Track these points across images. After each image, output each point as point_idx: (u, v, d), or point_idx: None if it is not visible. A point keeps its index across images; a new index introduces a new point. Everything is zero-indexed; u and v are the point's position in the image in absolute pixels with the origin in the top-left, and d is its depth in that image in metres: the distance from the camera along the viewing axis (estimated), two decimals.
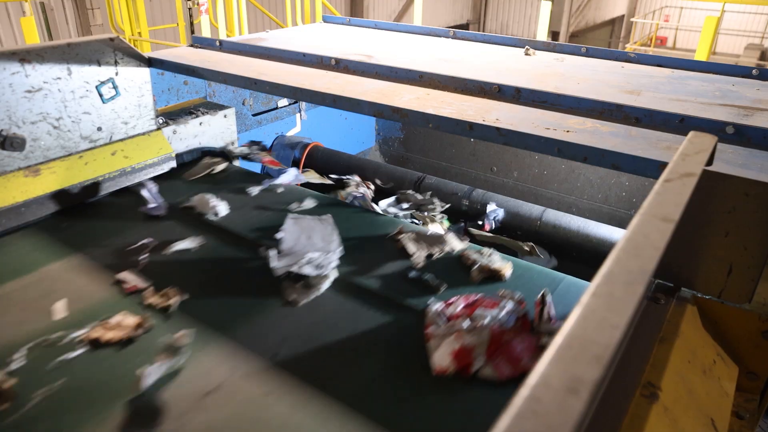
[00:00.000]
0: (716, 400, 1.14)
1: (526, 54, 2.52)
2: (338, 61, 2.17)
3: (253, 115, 3.02)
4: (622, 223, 2.65)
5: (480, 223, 2.45)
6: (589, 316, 0.53)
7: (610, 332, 0.51)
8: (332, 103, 1.80)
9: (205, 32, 5.33)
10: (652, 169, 1.31)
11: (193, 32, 5.77)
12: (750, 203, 1.20)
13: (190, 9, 5.25)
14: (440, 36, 2.96)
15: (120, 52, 2.16)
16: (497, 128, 1.50)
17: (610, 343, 0.50)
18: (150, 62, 2.27)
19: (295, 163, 3.07)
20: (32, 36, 4.72)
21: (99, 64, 2.11)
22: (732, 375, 1.26)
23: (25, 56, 1.91)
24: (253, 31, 2.92)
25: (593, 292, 0.57)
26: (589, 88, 1.97)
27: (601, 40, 17.74)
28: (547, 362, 0.47)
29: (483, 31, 15.90)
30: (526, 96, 1.79)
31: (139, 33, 5.71)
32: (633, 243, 0.66)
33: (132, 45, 2.36)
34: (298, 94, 1.89)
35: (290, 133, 3.32)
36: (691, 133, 1.15)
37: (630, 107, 1.65)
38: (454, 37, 2.91)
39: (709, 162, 1.18)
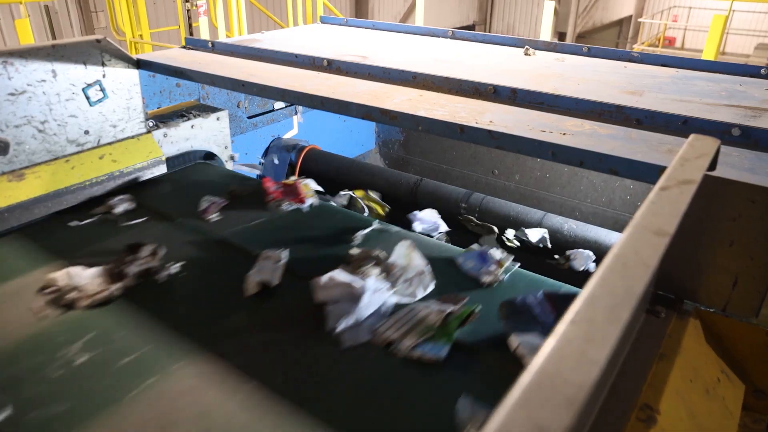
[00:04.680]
0: (720, 422, 1.07)
1: (526, 54, 2.45)
2: (331, 62, 2.11)
3: (248, 117, 2.97)
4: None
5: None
6: (564, 348, 0.46)
7: (587, 369, 0.44)
8: (320, 105, 1.74)
9: (204, 34, 5.29)
10: (651, 173, 1.24)
11: (191, 34, 5.75)
12: (756, 210, 1.12)
13: (188, 11, 5.22)
14: (439, 36, 2.89)
15: (107, 53, 2.11)
16: (489, 131, 1.43)
17: (587, 382, 0.43)
18: (138, 64, 2.22)
19: (291, 167, 3.02)
20: (27, 38, 4.70)
21: (85, 66, 2.06)
22: (738, 394, 1.18)
23: (8, 58, 1.86)
24: (254, 32, 2.88)
25: (572, 318, 0.50)
26: (589, 88, 1.89)
27: (608, 40, 17.58)
28: (510, 406, 0.40)
29: (489, 32, 15.81)
30: (522, 97, 1.72)
31: (140, 35, 5.69)
32: (621, 260, 0.59)
33: (131, 47, 2.31)
34: (285, 96, 1.83)
35: (287, 135, 3.26)
36: (691, 136, 1.07)
37: (630, 108, 1.57)
38: (453, 37, 2.84)
39: (712, 167, 1.11)
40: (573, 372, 0.44)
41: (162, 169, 2.33)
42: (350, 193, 2.50)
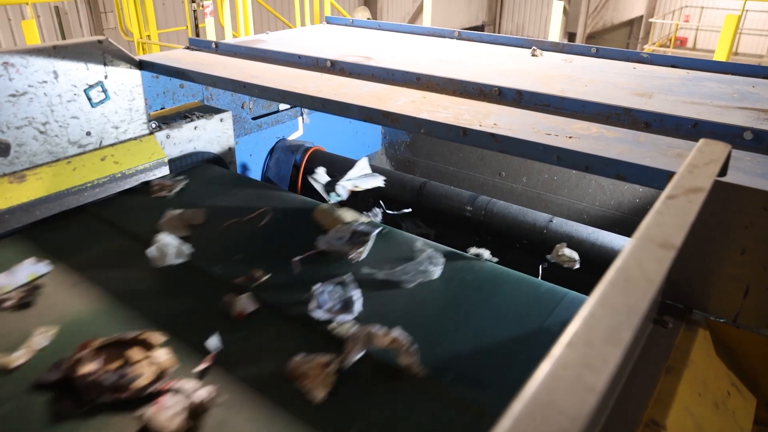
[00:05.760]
0: None
1: (533, 55, 2.41)
2: (334, 63, 2.08)
3: (253, 118, 2.94)
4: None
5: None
6: (559, 374, 0.43)
7: (583, 398, 0.41)
8: (321, 107, 1.71)
9: (211, 35, 5.28)
10: (659, 179, 1.20)
11: (198, 35, 5.74)
12: None
13: (194, 11, 5.22)
14: (445, 37, 2.85)
15: (109, 54, 2.09)
16: (492, 134, 1.39)
17: (582, 412, 0.39)
18: (141, 65, 2.21)
19: (296, 168, 2.99)
20: (34, 39, 4.73)
21: (87, 67, 2.05)
22: (749, 407, 1.14)
23: (8, 59, 1.85)
24: (261, 32, 2.87)
25: (568, 341, 0.46)
26: (596, 90, 1.85)
27: (619, 41, 17.44)
28: None
29: (499, 33, 15.75)
30: (528, 99, 1.68)
31: (148, 36, 5.69)
32: (623, 275, 0.56)
33: (138, 48, 2.30)
34: (286, 98, 1.81)
35: (292, 136, 3.24)
36: (701, 141, 1.03)
37: (639, 111, 1.53)
38: (459, 37, 2.80)
39: (723, 172, 1.07)
40: (567, 401, 0.41)
41: (164, 171, 2.31)
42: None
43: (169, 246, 1.70)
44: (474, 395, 1.22)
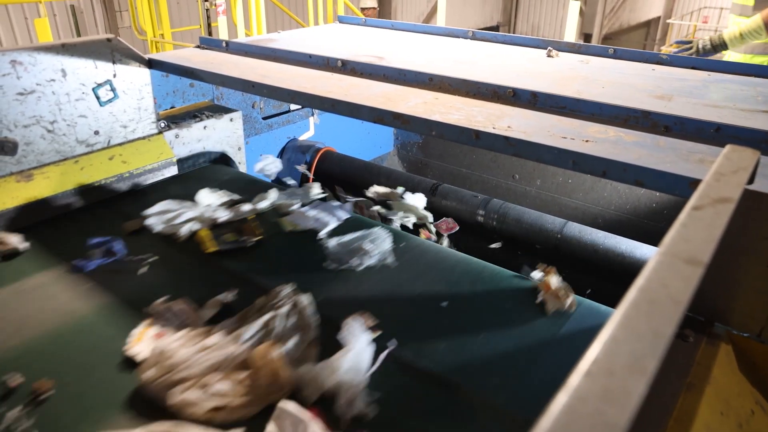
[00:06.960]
0: None
1: (549, 56, 2.36)
2: (345, 62, 2.05)
3: (264, 118, 2.92)
4: (651, 238, 2.45)
5: None
6: (577, 407, 0.39)
7: None
8: (331, 108, 1.67)
9: (224, 34, 5.27)
10: (681, 186, 1.15)
11: (210, 34, 5.74)
12: None
13: (207, 10, 5.22)
14: (459, 37, 2.81)
15: (118, 53, 2.08)
16: (506, 137, 1.35)
17: None
18: (150, 64, 2.19)
19: (306, 168, 2.96)
20: (46, 37, 4.75)
21: (96, 65, 2.03)
22: None
23: (17, 57, 1.83)
24: (273, 31, 2.86)
25: (587, 370, 0.42)
26: (614, 92, 1.80)
27: (636, 42, 17.22)
28: None
29: (514, 34, 15.62)
30: (543, 101, 1.63)
31: (162, 35, 5.70)
32: (647, 295, 0.51)
33: (152, 46, 2.28)
34: (295, 98, 1.77)
35: (303, 137, 3.21)
36: (727, 147, 0.98)
37: (659, 114, 1.48)
38: (473, 37, 2.76)
39: (750, 180, 1.01)
40: None
41: (173, 171, 2.29)
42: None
43: None
44: (479, 412, 1.17)
